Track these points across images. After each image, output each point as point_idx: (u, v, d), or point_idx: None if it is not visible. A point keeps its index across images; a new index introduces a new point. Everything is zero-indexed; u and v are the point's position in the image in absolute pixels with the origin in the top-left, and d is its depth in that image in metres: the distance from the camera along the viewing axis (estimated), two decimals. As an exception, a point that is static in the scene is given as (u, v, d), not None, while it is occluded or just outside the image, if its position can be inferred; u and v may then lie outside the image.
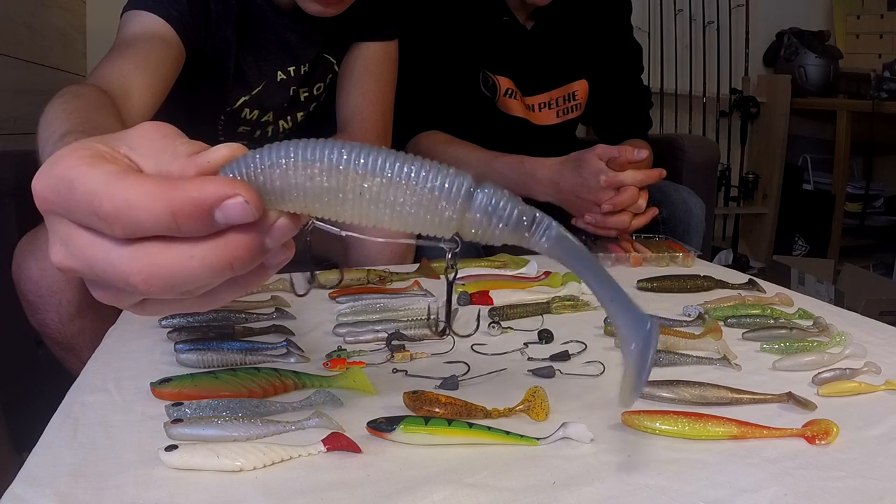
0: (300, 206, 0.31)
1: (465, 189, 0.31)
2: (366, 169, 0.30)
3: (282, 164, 0.30)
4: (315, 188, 0.30)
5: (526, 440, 0.48)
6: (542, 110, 1.41)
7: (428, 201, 0.31)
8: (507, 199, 0.32)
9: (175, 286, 0.29)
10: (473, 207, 0.32)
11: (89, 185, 0.28)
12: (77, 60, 1.76)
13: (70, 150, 0.29)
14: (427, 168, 0.31)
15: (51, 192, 0.29)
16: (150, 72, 0.85)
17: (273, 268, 0.33)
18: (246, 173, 0.30)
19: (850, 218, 2.83)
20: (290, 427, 0.49)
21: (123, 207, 0.27)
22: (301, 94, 1.13)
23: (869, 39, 2.83)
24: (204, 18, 0.96)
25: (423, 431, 0.48)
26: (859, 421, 0.52)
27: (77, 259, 0.29)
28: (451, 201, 0.31)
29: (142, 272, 0.28)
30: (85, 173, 0.28)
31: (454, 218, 0.32)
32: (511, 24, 1.32)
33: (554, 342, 0.69)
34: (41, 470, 0.44)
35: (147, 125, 0.32)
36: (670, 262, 1.03)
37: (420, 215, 0.31)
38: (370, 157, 0.30)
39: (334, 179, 0.30)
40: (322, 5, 0.96)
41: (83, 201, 0.28)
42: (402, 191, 0.30)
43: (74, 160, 0.28)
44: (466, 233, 0.33)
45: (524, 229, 0.33)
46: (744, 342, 0.70)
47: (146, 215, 0.27)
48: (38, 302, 0.85)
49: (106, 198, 0.27)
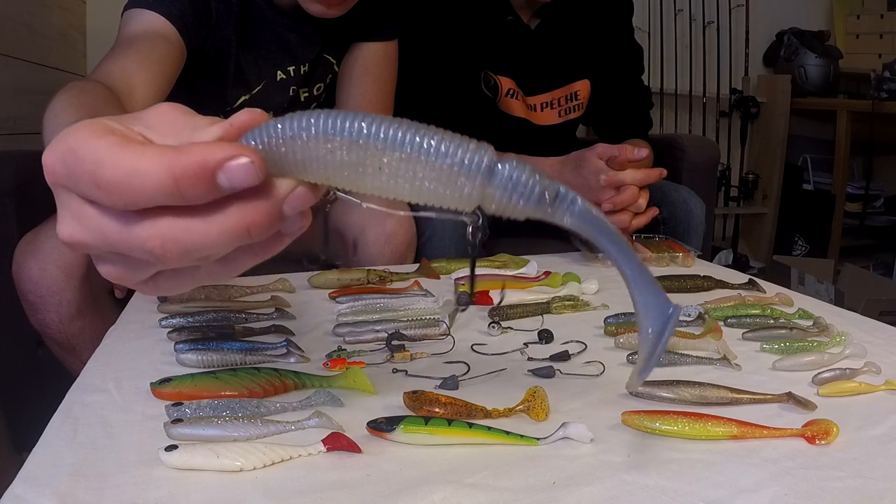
0: (321, 177, 0.31)
1: (486, 164, 0.31)
2: (385, 143, 0.30)
3: (302, 136, 0.30)
4: (335, 161, 0.30)
5: (526, 440, 0.48)
6: (544, 110, 1.41)
7: (447, 176, 0.30)
8: (529, 173, 0.31)
9: (192, 251, 0.29)
10: (494, 183, 0.31)
11: (94, 153, 0.27)
12: (77, 60, 1.76)
13: (83, 124, 0.29)
14: (447, 142, 0.30)
15: (59, 163, 0.28)
16: (152, 69, 0.85)
17: (290, 235, 0.32)
18: (267, 142, 0.30)
19: (850, 218, 2.83)
20: (290, 427, 0.49)
21: (126, 175, 0.27)
22: (301, 95, 1.13)
23: (869, 39, 2.83)
24: (205, 17, 0.96)
25: (423, 431, 0.48)
26: (859, 421, 0.52)
27: (89, 231, 0.29)
28: (471, 177, 0.30)
29: (159, 237, 0.28)
30: (92, 143, 0.28)
31: (474, 194, 0.31)
32: (515, 24, 1.32)
33: (554, 342, 0.69)
34: (41, 470, 0.44)
35: (164, 105, 0.32)
36: (670, 262, 1.03)
37: (440, 191, 0.31)
38: (390, 131, 0.30)
39: (354, 154, 0.30)
40: (324, 6, 0.96)
41: (88, 171, 0.28)
42: (421, 166, 0.30)
43: (85, 133, 0.28)
44: (487, 207, 0.32)
45: (547, 205, 0.32)
46: (744, 342, 0.70)
47: (148, 182, 0.27)
48: (38, 302, 0.85)
49: (110, 166, 0.27)
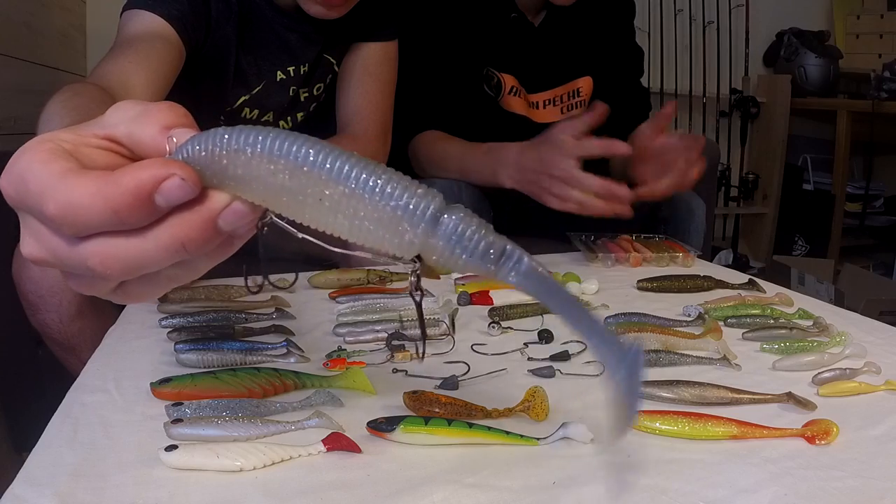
0: (259, 198, 0.29)
1: (431, 213, 0.29)
2: (329, 175, 0.28)
3: (247, 151, 0.28)
4: (275, 184, 0.29)
5: (526, 440, 0.48)
6: (546, 107, 1.41)
7: (389, 220, 0.29)
8: (475, 227, 0.29)
9: (133, 268, 0.29)
10: (437, 233, 0.29)
11: (38, 185, 0.28)
12: (77, 60, 1.76)
13: (34, 143, 0.29)
14: (394, 184, 0.28)
15: (12, 189, 0.29)
16: (150, 70, 0.85)
17: (241, 238, 0.32)
18: (210, 150, 0.29)
19: (850, 218, 2.83)
20: (290, 427, 0.49)
21: (67, 209, 0.28)
22: (301, 95, 1.13)
23: (869, 39, 2.83)
24: (204, 17, 0.96)
25: (423, 431, 0.48)
26: (859, 421, 0.52)
27: (45, 250, 0.30)
28: (414, 224, 0.29)
29: (99, 255, 0.29)
30: (37, 172, 0.28)
31: (415, 242, 0.29)
32: (519, 21, 1.32)
33: (554, 342, 0.69)
34: (41, 470, 0.44)
35: (126, 101, 0.32)
36: (670, 262, 1.03)
37: (379, 233, 0.29)
38: (337, 163, 0.28)
39: (296, 180, 0.28)
40: (325, 7, 0.96)
41: (34, 202, 0.28)
42: (363, 204, 0.28)
43: (31, 157, 0.29)
44: (428, 257, 0.30)
45: (491, 262, 0.30)
46: (744, 342, 0.70)
47: (89, 215, 0.28)
48: (38, 302, 0.85)
49: (51, 200, 0.28)
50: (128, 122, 0.31)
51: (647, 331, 0.69)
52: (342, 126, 1.14)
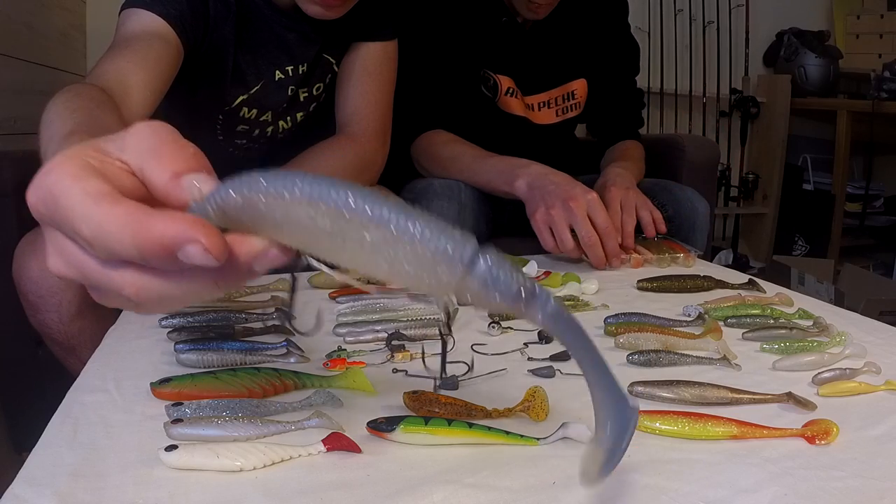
0: (296, 242, 0.30)
1: (469, 256, 0.30)
2: (370, 220, 0.29)
3: (285, 197, 0.29)
4: (315, 230, 0.29)
5: (526, 440, 0.48)
6: (542, 109, 1.41)
7: (428, 263, 0.30)
8: (508, 270, 0.31)
9: (166, 303, 0.30)
10: (473, 275, 0.30)
11: (69, 203, 0.28)
12: (77, 60, 1.76)
13: (62, 159, 0.30)
14: (433, 228, 0.29)
15: (41, 204, 0.29)
16: (148, 69, 0.85)
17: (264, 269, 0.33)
18: (247, 195, 0.29)
19: (850, 218, 2.83)
20: (290, 427, 0.49)
21: (99, 234, 0.28)
22: (300, 94, 1.13)
23: (869, 39, 2.83)
24: (202, 16, 0.96)
25: (423, 431, 0.48)
26: (859, 421, 0.52)
27: (73, 269, 0.30)
28: (452, 267, 0.30)
29: (134, 286, 0.30)
30: (68, 190, 0.28)
31: (452, 283, 0.30)
32: (510, 24, 1.32)
33: (554, 342, 0.69)
34: (41, 470, 0.44)
35: (142, 126, 0.32)
36: (672, 263, 1.03)
37: (417, 275, 0.30)
38: (376, 209, 0.29)
39: (337, 226, 0.29)
40: (323, 8, 0.96)
41: (66, 219, 0.29)
42: (403, 248, 0.29)
43: (62, 173, 0.29)
44: (461, 297, 0.32)
45: (521, 302, 0.32)
46: (744, 342, 0.70)
47: (117, 245, 0.28)
48: (38, 302, 0.85)
49: (83, 220, 0.28)
50: (140, 158, 0.31)
51: (647, 331, 0.69)
52: (341, 126, 1.14)
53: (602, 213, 0.97)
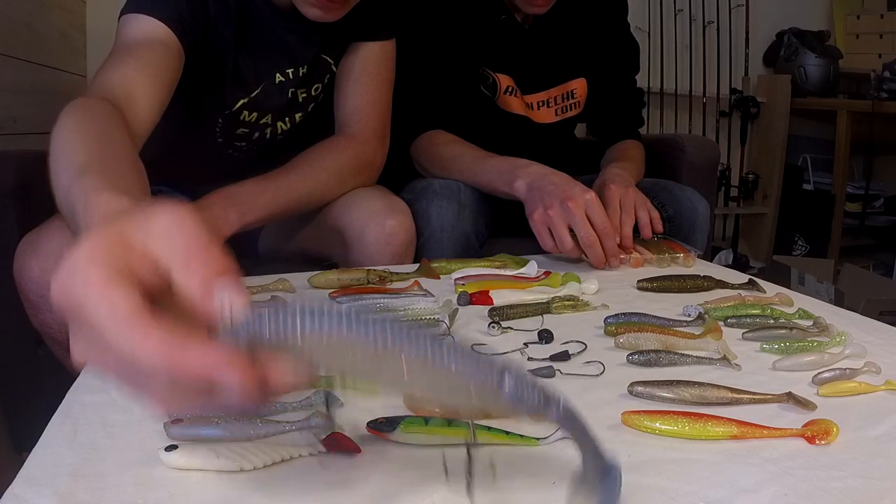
0: (331, 371, 0.33)
1: (498, 382, 0.33)
2: (409, 355, 0.31)
3: (322, 340, 0.30)
4: (353, 365, 0.31)
5: (526, 440, 0.48)
6: (541, 108, 1.41)
7: (461, 389, 0.32)
8: (531, 387, 0.34)
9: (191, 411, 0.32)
10: (501, 395, 0.33)
11: (100, 322, 0.29)
12: (77, 60, 1.76)
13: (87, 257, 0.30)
14: (466, 360, 0.32)
15: (67, 303, 0.30)
16: (153, 78, 0.84)
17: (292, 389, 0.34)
18: (283, 333, 0.30)
19: (850, 218, 2.83)
20: (290, 427, 0.49)
21: (130, 355, 0.28)
22: (299, 95, 1.13)
23: (869, 39, 2.83)
24: (203, 18, 0.96)
25: (423, 431, 0.47)
26: (859, 421, 0.52)
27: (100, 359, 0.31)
28: (483, 392, 0.32)
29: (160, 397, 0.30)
30: (97, 306, 0.29)
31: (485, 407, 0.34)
32: (509, 23, 1.32)
33: (554, 342, 0.69)
34: (41, 470, 0.44)
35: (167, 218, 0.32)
36: (671, 263, 1.03)
37: (451, 398, 0.34)
38: (414, 345, 0.31)
39: (376, 362, 0.31)
40: (322, 10, 0.96)
41: (94, 326, 0.29)
42: (438, 379, 0.32)
43: (89, 281, 0.29)
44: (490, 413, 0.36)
45: (541, 409, 0.35)
46: (744, 342, 0.70)
47: (149, 368, 0.29)
48: (39, 302, 0.85)
49: (113, 339, 0.29)
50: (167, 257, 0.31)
51: (647, 331, 0.69)
52: (340, 126, 1.14)
53: (600, 212, 0.97)
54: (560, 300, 0.80)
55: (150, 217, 0.32)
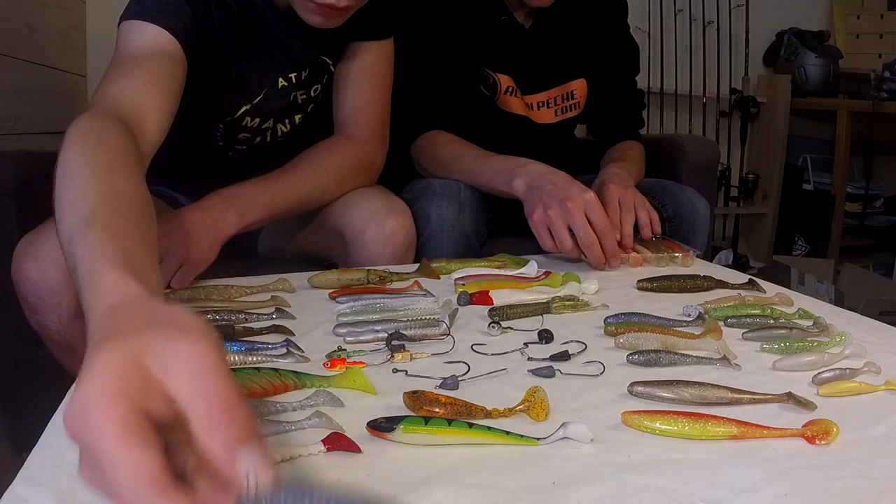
0: None
1: None
2: None
3: None
4: None
5: (526, 440, 0.48)
6: (541, 109, 1.41)
7: None
8: None
9: None
10: None
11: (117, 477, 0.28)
12: (77, 60, 1.76)
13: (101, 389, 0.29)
14: None
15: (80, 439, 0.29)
16: (162, 92, 0.84)
17: None
18: None
19: (850, 218, 2.83)
20: (290, 427, 0.49)
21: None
22: (299, 97, 1.13)
23: (869, 39, 2.83)
24: (207, 25, 0.95)
25: (423, 431, 0.48)
26: (859, 421, 0.52)
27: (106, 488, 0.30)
28: None
29: None
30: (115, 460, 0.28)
31: None
32: (509, 23, 1.32)
33: (554, 342, 0.69)
34: (41, 470, 0.44)
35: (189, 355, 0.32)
36: (670, 262, 1.03)
37: None
38: None
39: None
40: (324, 17, 0.95)
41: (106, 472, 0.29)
42: None
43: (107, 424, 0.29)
44: None
45: None
46: (744, 342, 0.70)
47: None
48: (37, 303, 0.85)
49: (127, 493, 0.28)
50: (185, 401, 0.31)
51: (647, 331, 0.69)
52: (340, 126, 1.14)
53: (600, 212, 0.97)
54: (560, 300, 0.81)
55: (169, 346, 0.32)
